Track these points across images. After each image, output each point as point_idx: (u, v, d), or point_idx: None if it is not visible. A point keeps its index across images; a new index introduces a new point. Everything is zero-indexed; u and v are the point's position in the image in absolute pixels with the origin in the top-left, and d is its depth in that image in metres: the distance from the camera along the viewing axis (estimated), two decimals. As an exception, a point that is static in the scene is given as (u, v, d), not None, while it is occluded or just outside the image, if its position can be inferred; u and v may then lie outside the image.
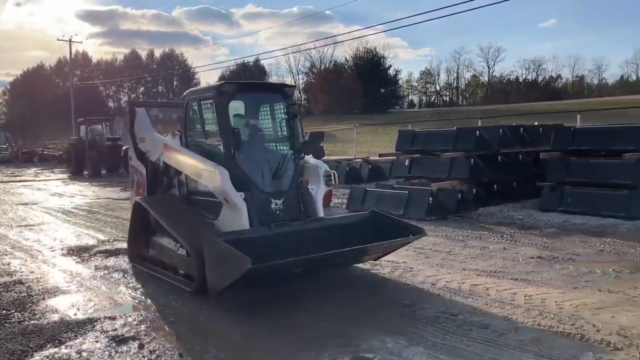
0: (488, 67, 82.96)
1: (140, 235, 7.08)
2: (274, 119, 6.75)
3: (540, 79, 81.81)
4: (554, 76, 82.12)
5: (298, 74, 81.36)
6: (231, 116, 6.24)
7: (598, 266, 6.60)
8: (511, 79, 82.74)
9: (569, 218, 9.85)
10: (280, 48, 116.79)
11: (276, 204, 6.15)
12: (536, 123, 15.84)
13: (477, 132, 12.42)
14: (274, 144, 6.67)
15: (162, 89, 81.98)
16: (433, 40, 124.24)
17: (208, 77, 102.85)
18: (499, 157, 12.35)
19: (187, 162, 6.47)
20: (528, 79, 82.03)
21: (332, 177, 6.67)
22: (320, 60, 78.10)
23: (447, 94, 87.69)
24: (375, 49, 73.75)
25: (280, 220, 6.02)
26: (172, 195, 7.06)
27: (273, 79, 75.60)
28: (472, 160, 11.70)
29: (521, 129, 13.57)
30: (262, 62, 69.30)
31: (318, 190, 6.55)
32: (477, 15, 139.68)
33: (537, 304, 5.24)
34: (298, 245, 5.55)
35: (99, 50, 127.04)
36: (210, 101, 6.29)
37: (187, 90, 6.95)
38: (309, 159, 6.80)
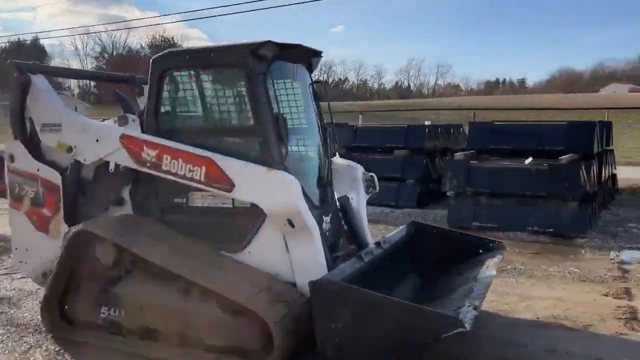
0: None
1: (81, 287, 4.41)
2: (304, 100, 4.74)
3: (330, 80, 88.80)
4: (342, 79, 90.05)
5: (87, 58, 74.71)
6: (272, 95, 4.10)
7: (373, 249, 7.51)
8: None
9: (351, 208, 10.95)
10: (66, 28, 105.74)
11: (326, 223, 4.42)
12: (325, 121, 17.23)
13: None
14: (309, 137, 4.72)
15: None
16: (232, 35, 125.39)
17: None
18: (292, 152, 13.14)
19: (191, 164, 4.06)
20: (320, 80, 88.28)
21: (374, 182, 5.19)
22: (113, 46, 72.92)
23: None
24: (172, 38, 71.47)
25: (329, 243, 4.38)
26: (143, 218, 4.49)
27: (56, 62, 68.07)
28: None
29: (312, 126, 14.68)
30: (42, 41, 61.76)
31: (360, 200, 5.01)
32: (274, 13, 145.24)
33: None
34: (389, 277, 4.48)
35: None
36: (235, 71, 4.14)
37: (164, 52, 4.38)
38: (336, 158, 5.20)
